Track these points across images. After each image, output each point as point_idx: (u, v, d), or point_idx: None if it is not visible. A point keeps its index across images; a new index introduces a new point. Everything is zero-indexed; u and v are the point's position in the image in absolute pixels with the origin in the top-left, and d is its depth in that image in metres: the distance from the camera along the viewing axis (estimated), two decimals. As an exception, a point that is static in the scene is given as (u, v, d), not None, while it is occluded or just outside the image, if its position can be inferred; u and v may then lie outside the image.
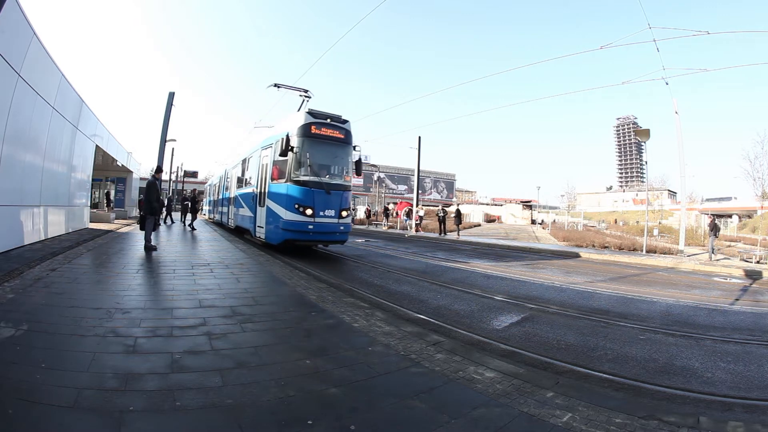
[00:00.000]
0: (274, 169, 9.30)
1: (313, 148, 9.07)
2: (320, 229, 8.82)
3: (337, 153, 9.54)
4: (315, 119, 9.09)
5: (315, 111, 9.33)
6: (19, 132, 6.75)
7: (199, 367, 2.49)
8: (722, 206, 50.93)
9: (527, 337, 4.07)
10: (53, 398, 1.97)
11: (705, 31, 10.03)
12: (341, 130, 9.48)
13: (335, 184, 9.25)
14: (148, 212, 7.84)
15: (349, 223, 9.83)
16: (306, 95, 10.98)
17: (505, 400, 2.32)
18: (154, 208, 8.04)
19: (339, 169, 9.60)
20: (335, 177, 9.45)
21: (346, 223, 9.40)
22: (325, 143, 9.26)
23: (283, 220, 8.64)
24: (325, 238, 9.32)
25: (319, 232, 8.87)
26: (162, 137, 16.76)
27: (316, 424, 1.92)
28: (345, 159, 9.68)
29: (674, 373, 3.24)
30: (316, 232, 8.79)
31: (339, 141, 9.45)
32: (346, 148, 9.67)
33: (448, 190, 72.50)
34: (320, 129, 9.11)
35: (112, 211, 18.16)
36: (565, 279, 7.99)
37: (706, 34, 10.09)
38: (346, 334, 3.38)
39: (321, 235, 9.07)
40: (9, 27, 5.81)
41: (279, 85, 11.12)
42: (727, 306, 6.09)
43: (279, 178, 9.10)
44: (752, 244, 19.05)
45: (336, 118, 9.48)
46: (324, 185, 8.93)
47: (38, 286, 4.31)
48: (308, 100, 10.96)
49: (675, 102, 15.33)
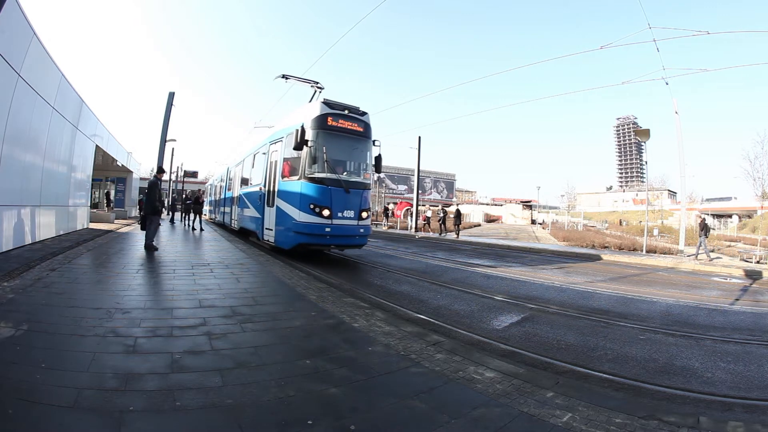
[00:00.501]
0: (285, 165, 8.53)
1: (330, 141, 8.17)
2: (338, 231, 8.05)
3: (355, 147, 8.72)
4: (332, 110, 8.26)
5: (331, 101, 8.45)
6: (19, 132, 6.75)
7: (199, 367, 2.49)
8: (722, 206, 50.96)
9: (527, 337, 4.07)
10: (53, 398, 1.97)
11: (705, 31, 10.04)
12: (360, 123, 8.65)
13: (354, 182, 8.43)
14: (150, 212, 7.84)
15: (369, 225, 9.00)
16: (318, 86, 10.06)
17: (505, 400, 2.32)
18: (156, 209, 7.97)
19: (358, 165, 8.82)
20: (354, 174, 8.65)
21: (366, 225, 8.65)
22: (342, 136, 8.42)
23: (296, 221, 7.88)
24: (343, 242, 8.47)
25: (337, 235, 8.08)
26: (162, 137, 16.76)
27: (316, 424, 1.92)
28: (364, 154, 8.87)
29: (674, 373, 3.24)
30: (333, 235, 8.00)
31: (358, 134, 8.63)
32: (365, 142, 8.84)
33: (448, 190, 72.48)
34: (337, 121, 8.27)
35: (112, 211, 18.17)
36: (565, 279, 7.99)
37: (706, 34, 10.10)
38: (346, 334, 3.38)
39: (339, 239, 8.23)
40: (9, 27, 5.81)
41: (287, 77, 10.20)
42: (727, 306, 6.09)
43: (291, 175, 8.32)
44: (752, 244, 19.07)
45: (354, 110, 8.63)
46: (342, 183, 8.11)
47: (38, 286, 4.30)
48: (320, 91, 10.02)
49: (675, 102, 15.35)
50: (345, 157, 8.62)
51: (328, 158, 8.08)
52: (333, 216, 7.91)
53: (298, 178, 8.02)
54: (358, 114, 8.66)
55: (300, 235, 7.89)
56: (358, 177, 8.72)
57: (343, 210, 8.08)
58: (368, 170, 8.98)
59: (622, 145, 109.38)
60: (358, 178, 8.65)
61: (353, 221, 8.27)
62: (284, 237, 8.34)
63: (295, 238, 7.98)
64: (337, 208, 7.96)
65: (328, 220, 7.86)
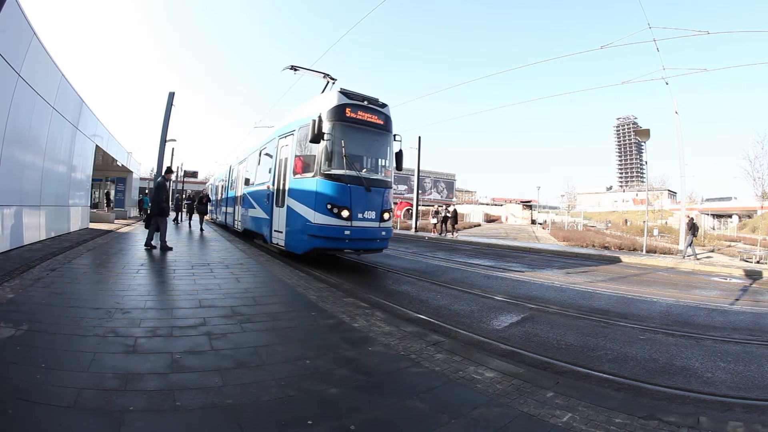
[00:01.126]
0: (297, 161, 7.81)
1: (349, 135, 7.43)
2: (358, 234, 7.30)
3: (375, 142, 8.00)
4: (350, 100, 7.53)
5: (349, 91, 7.70)
6: (19, 132, 6.75)
7: (199, 367, 2.49)
8: (722, 206, 50.93)
9: (527, 337, 4.07)
10: (53, 398, 1.97)
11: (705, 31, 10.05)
12: (380, 115, 7.94)
13: (376, 180, 7.71)
14: (158, 213, 7.73)
15: (391, 228, 8.25)
16: (330, 78, 9.26)
17: (505, 400, 2.32)
18: (164, 210, 7.85)
19: (378, 161, 8.15)
20: (374, 171, 7.98)
21: (387, 227, 7.93)
22: (362, 129, 7.71)
23: (311, 223, 7.13)
24: (363, 246, 7.73)
25: (357, 238, 7.34)
26: (162, 137, 16.74)
27: (316, 424, 1.92)
28: (384, 149, 8.15)
29: (674, 373, 3.24)
30: (353, 238, 7.26)
31: (378, 127, 7.92)
32: (386, 136, 8.11)
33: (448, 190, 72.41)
34: (356, 112, 7.55)
35: (112, 211, 18.17)
36: (565, 279, 7.99)
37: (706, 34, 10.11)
38: (346, 334, 3.38)
39: (359, 243, 7.52)
40: (9, 27, 5.81)
41: (296, 68, 9.44)
42: (727, 306, 6.09)
43: (304, 172, 7.60)
44: (752, 244, 19.06)
45: (373, 101, 7.91)
46: (363, 181, 7.36)
47: (38, 286, 4.30)
48: (333, 83, 9.23)
49: (675, 102, 15.35)
50: (364, 152, 7.94)
51: (347, 153, 7.30)
52: (353, 217, 7.19)
53: (313, 175, 7.29)
54: (378, 105, 7.96)
55: (315, 239, 7.15)
56: (380, 174, 8.03)
57: (364, 211, 7.39)
58: (389, 167, 8.26)
59: (622, 145, 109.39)
60: (379, 176, 7.95)
61: (374, 223, 7.58)
62: (297, 240, 7.63)
63: (310, 241, 7.23)
64: (357, 209, 7.27)
65: (347, 222, 7.14)
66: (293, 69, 9.41)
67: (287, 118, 9.20)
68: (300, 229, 7.43)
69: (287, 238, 7.96)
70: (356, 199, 7.24)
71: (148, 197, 24.42)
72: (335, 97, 7.46)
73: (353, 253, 8.07)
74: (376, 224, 7.58)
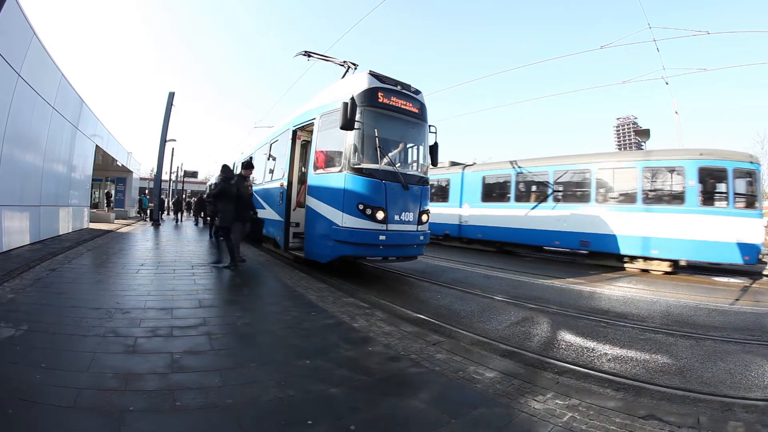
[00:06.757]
0: (319, 153, 6.71)
1: (381, 123, 6.39)
2: (395, 240, 6.22)
3: (411, 132, 6.95)
4: (382, 84, 6.46)
5: (379, 74, 6.57)
6: (19, 132, 6.76)
7: (199, 367, 2.49)
8: (722, 206, 50.83)
9: (527, 336, 4.07)
10: (53, 398, 1.97)
11: (705, 31, 10.03)
12: (415, 102, 6.88)
13: (413, 176, 6.66)
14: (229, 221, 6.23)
15: (428, 232, 7.09)
16: (351, 64, 8.03)
17: (505, 400, 2.32)
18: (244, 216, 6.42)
19: (414, 154, 7.13)
20: (411, 166, 6.98)
21: (425, 231, 6.87)
22: (395, 118, 6.65)
23: (338, 227, 6.03)
24: (399, 253, 6.61)
25: (393, 244, 6.26)
26: (162, 137, 16.78)
27: (316, 424, 1.92)
28: (420, 141, 7.08)
29: (674, 373, 3.23)
30: (388, 245, 6.16)
31: (413, 116, 6.85)
32: (422, 126, 7.04)
33: (448, 190, 72.42)
34: (389, 98, 6.48)
35: (112, 211, 18.18)
36: (565, 279, 7.99)
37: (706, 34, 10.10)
38: (346, 334, 3.38)
39: (395, 249, 6.41)
40: (9, 27, 5.82)
41: (310, 54, 8.45)
42: (727, 306, 6.08)
43: (327, 166, 6.54)
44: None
45: (407, 86, 6.84)
46: (400, 177, 6.28)
47: (38, 286, 4.31)
48: (354, 68, 7.97)
49: (675, 102, 15.33)
50: (398, 143, 6.88)
51: (380, 144, 6.27)
52: (389, 219, 6.10)
53: (339, 170, 6.20)
54: (411, 91, 6.89)
55: (343, 245, 6.06)
56: (417, 170, 7.00)
57: (401, 212, 6.30)
58: (426, 162, 7.19)
59: (622, 145, 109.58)
60: (417, 171, 6.92)
61: (412, 226, 6.51)
62: (320, 247, 6.50)
63: (336, 248, 6.14)
64: (393, 210, 6.18)
65: (383, 225, 6.04)
66: (307, 55, 8.49)
67: (302, 107, 8.19)
68: (324, 234, 6.33)
69: (308, 244, 6.89)
70: (392, 198, 6.17)
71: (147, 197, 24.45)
72: (365, 80, 6.38)
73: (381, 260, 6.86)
74: (413, 227, 6.54)
